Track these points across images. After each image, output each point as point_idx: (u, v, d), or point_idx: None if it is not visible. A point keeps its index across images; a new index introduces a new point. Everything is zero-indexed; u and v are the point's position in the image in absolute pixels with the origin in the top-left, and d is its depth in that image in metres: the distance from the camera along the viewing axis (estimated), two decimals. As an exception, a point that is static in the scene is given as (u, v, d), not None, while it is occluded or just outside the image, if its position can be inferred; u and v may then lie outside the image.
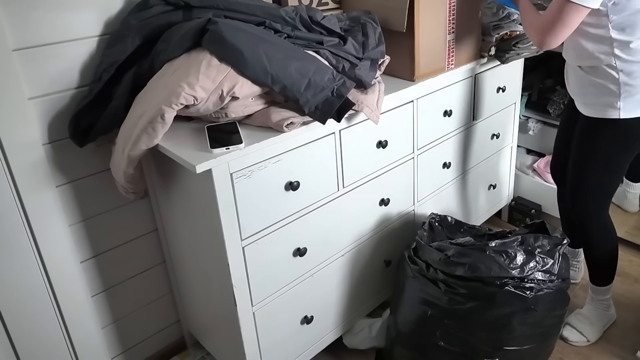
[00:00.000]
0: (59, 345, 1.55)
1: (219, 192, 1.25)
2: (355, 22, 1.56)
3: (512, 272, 1.47)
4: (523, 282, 1.47)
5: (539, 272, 1.49)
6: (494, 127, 2.18)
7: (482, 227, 1.82)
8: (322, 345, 1.73)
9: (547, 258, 1.50)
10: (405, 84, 1.65)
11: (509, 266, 1.47)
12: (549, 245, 1.54)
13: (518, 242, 1.52)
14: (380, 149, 1.63)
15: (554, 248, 1.53)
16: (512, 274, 1.46)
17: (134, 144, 1.25)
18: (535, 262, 1.49)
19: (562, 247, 1.55)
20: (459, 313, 1.50)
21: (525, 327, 1.50)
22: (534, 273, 1.48)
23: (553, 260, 1.51)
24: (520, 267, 1.47)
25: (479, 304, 1.49)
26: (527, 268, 1.48)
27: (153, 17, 1.36)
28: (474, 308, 1.49)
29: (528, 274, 1.48)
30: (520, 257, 1.48)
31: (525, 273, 1.47)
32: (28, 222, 1.38)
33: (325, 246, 1.58)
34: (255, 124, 1.35)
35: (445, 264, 1.52)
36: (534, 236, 1.55)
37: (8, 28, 1.24)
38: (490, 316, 1.49)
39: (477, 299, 1.48)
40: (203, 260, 1.49)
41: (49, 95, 1.36)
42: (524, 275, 1.47)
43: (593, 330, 1.86)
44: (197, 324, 1.78)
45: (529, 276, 1.48)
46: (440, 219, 1.77)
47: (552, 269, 1.50)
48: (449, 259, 1.51)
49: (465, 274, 1.48)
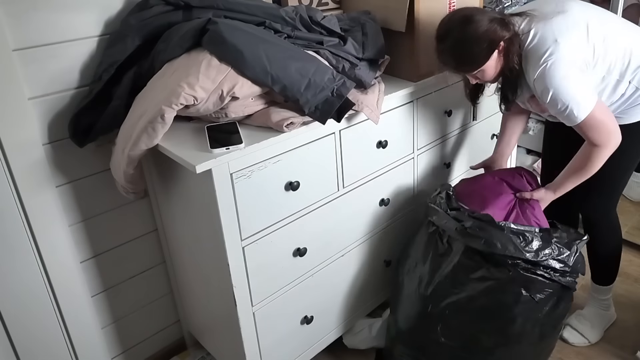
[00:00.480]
0: (59, 345, 1.55)
1: (219, 192, 1.25)
2: (355, 22, 1.56)
3: (527, 254, 1.44)
4: (536, 266, 1.46)
5: (553, 260, 1.47)
6: (494, 127, 2.17)
7: None
8: (322, 345, 1.73)
9: (564, 248, 1.49)
10: (405, 84, 1.65)
11: (524, 248, 1.45)
12: (567, 237, 1.53)
13: (536, 230, 1.51)
14: (380, 149, 1.63)
15: (572, 241, 1.52)
16: (527, 256, 1.44)
17: (134, 144, 1.25)
18: (550, 250, 1.47)
19: (580, 242, 1.54)
20: (461, 302, 1.50)
21: (527, 323, 1.49)
22: (548, 260, 1.47)
23: (569, 252, 1.49)
24: (535, 252, 1.45)
25: (487, 285, 1.48)
26: (542, 254, 1.46)
27: (153, 17, 1.36)
28: (481, 290, 1.48)
29: (542, 260, 1.46)
30: (537, 242, 1.46)
31: (539, 258, 1.46)
32: (28, 222, 1.38)
33: (325, 246, 1.58)
34: (255, 124, 1.35)
35: (461, 234, 1.50)
36: (553, 228, 1.54)
37: (8, 28, 1.24)
38: (494, 303, 1.48)
39: (486, 279, 1.48)
40: (203, 260, 1.49)
41: (49, 96, 1.36)
42: (538, 259, 1.45)
43: (594, 331, 1.86)
44: (197, 324, 1.78)
45: (543, 262, 1.46)
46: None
47: (568, 260, 1.49)
48: (466, 230, 1.49)
49: (481, 247, 1.47)
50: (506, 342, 1.51)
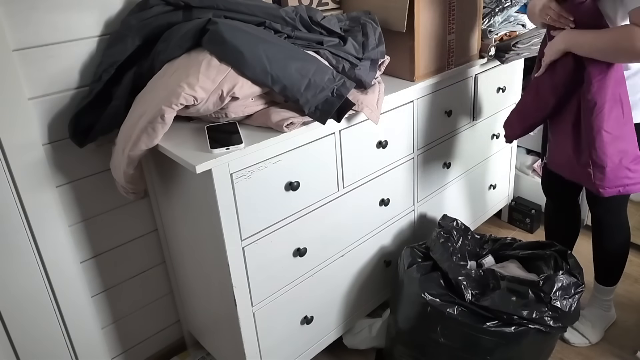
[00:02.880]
0: (59, 345, 1.55)
1: (219, 192, 1.25)
2: (355, 22, 1.56)
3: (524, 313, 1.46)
4: (536, 322, 1.48)
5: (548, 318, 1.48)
6: (494, 127, 2.18)
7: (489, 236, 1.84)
8: (322, 346, 1.73)
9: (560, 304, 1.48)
10: (405, 84, 1.65)
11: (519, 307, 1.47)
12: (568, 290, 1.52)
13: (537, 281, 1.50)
14: (380, 149, 1.63)
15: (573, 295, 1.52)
16: (524, 315, 1.46)
17: (134, 144, 1.25)
18: (546, 309, 1.48)
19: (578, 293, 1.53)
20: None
21: (527, 322, 1.50)
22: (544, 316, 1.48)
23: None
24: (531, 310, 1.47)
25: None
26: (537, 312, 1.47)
27: (153, 18, 1.36)
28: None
29: (536, 318, 1.48)
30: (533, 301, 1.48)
31: (534, 316, 1.47)
32: (28, 222, 1.38)
33: (325, 246, 1.58)
34: (255, 124, 1.35)
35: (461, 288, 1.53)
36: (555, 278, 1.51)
37: (8, 28, 1.24)
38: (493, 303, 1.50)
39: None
40: (203, 261, 1.49)
41: (48, 96, 1.36)
42: (535, 317, 1.48)
43: (594, 331, 1.86)
44: (197, 324, 1.78)
45: (537, 319, 1.48)
46: (452, 225, 1.79)
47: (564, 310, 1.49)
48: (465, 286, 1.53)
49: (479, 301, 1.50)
50: (506, 342, 1.51)
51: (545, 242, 1.75)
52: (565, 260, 1.64)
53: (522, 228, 2.52)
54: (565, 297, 1.49)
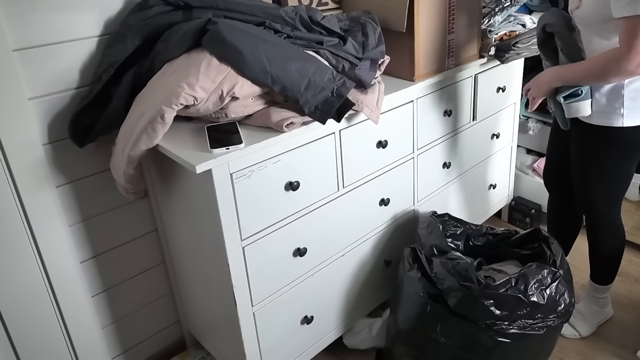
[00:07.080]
0: (59, 345, 1.55)
1: (219, 192, 1.25)
2: (355, 22, 1.56)
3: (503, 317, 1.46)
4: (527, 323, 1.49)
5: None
6: (494, 127, 2.18)
7: (482, 226, 1.83)
8: (322, 345, 1.73)
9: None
10: (405, 84, 1.65)
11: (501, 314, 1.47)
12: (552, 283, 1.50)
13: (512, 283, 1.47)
14: (380, 149, 1.63)
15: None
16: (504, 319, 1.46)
17: (133, 144, 1.25)
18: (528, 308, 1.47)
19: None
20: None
21: (526, 322, 1.50)
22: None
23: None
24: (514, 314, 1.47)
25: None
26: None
27: (153, 18, 1.36)
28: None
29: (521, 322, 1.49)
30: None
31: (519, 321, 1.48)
32: (28, 222, 1.38)
33: (325, 246, 1.58)
34: (255, 124, 1.35)
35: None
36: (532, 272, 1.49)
37: (8, 28, 1.24)
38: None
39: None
40: (203, 260, 1.49)
41: (48, 96, 1.36)
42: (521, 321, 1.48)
43: (586, 325, 1.88)
44: (197, 324, 1.78)
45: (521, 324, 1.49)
46: (442, 219, 1.78)
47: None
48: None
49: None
50: (506, 342, 1.51)
51: (531, 232, 1.73)
52: (548, 247, 1.63)
53: (522, 228, 2.52)
54: (541, 288, 1.47)
